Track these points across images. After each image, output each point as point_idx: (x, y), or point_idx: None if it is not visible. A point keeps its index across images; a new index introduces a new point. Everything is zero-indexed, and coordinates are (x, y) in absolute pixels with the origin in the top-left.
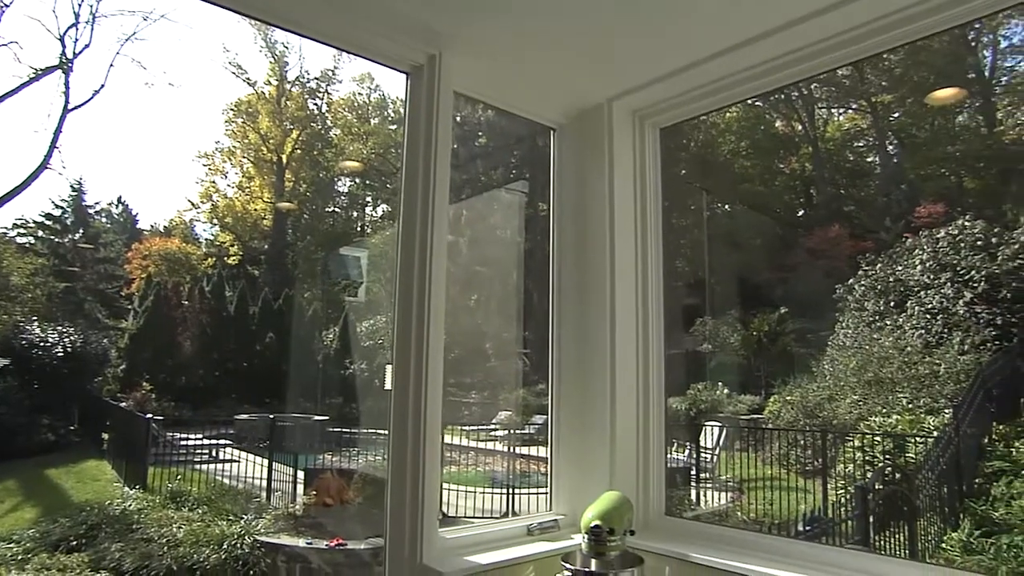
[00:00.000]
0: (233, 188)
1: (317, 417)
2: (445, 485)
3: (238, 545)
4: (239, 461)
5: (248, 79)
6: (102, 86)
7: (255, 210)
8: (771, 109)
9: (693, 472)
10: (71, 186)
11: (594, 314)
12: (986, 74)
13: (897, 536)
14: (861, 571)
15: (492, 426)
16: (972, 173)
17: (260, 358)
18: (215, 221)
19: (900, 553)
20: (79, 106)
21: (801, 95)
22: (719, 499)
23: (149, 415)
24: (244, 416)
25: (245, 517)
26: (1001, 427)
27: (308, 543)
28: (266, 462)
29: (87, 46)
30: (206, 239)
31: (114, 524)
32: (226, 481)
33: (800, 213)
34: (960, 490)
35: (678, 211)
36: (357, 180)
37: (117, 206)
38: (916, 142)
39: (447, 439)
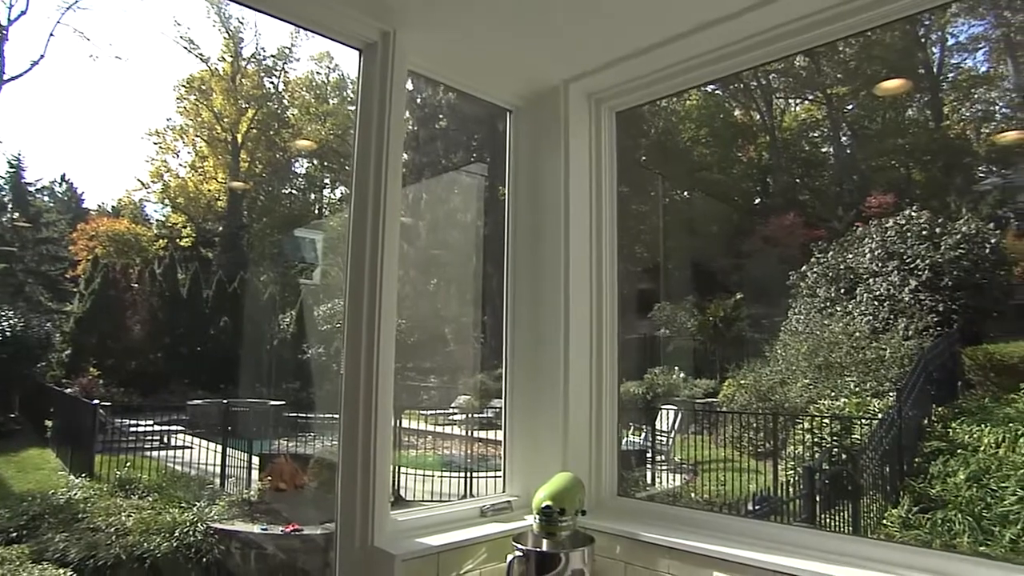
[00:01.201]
0: (185, 168)
1: (273, 402)
2: (403, 469)
3: (190, 533)
4: (192, 447)
5: (201, 55)
6: (41, 56)
7: (209, 191)
8: (730, 98)
9: (649, 455)
10: (8, 162)
11: (548, 298)
12: (934, 70)
13: (842, 513)
14: (806, 547)
15: (451, 410)
16: (920, 165)
17: (214, 342)
18: (167, 202)
19: (844, 529)
20: (16, 77)
21: (760, 85)
22: (674, 480)
23: (96, 401)
24: (197, 401)
25: (198, 504)
26: (940, 409)
27: (263, 529)
28: (220, 448)
29: (23, 13)
30: (157, 220)
31: (58, 514)
32: (178, 468)
33: (757, 201)
34: (901, 469)
35: (638, 197)
36: (315, 161)
37: (60, 184)
38: (868, 134)
39: (405, 423)
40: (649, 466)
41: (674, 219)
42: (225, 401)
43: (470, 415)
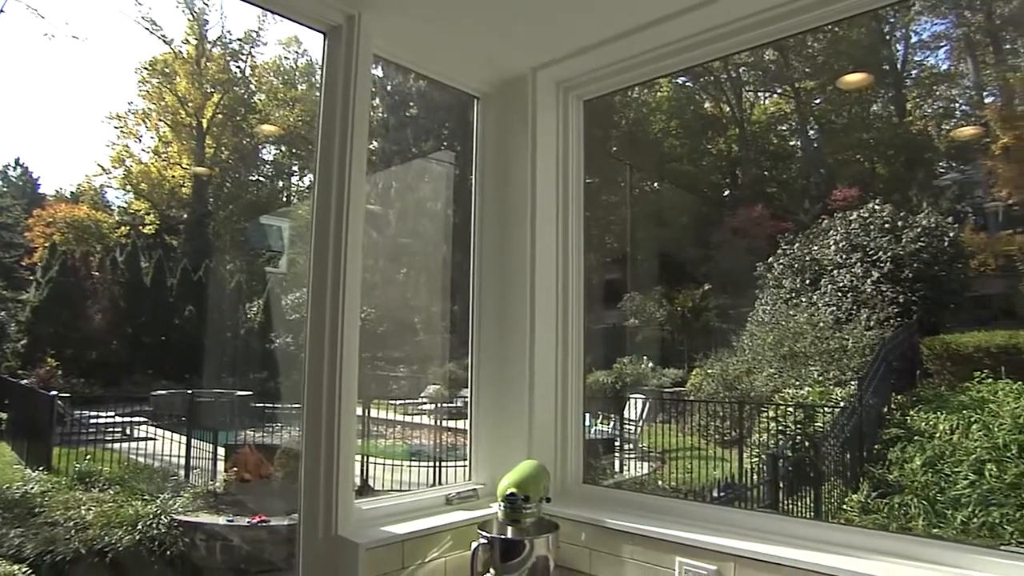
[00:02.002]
0: (148, 153)
1: (240, 392)
2: (372, 459)
3: (153, 525)
4: (156, 439)
5: (164, 37)
6: None
7: (173, 177)
8: (701, 90)
9: (617, 443)
10: None
11: (515, 287)
12: (898, 66)
13: (804, 499)
14: (768, 531)
15: (421, 400)
16: (883, 160)
17: (179, 332)
18: (128, 188)
19: (806, 514)
20: None
21: (730, 77)
22: (641, 469)
23: (54, 392)
24: (161, 392)
25: (162, 496)
26: (899, 397)
27: (229, 521)
28: (184, 439)
29: None
30: (119, 206)
31: (13, 508)
32: (141, 460)
33: (726, 193)
34: (861, 456)
35: (608, 188)
36: (283, 148)
37: (15, 168)
38: (834, 128)
39: (375, 413)
40: (617, 454)
41: (644, 210)
42: (190, 391)
43: (439, 404)
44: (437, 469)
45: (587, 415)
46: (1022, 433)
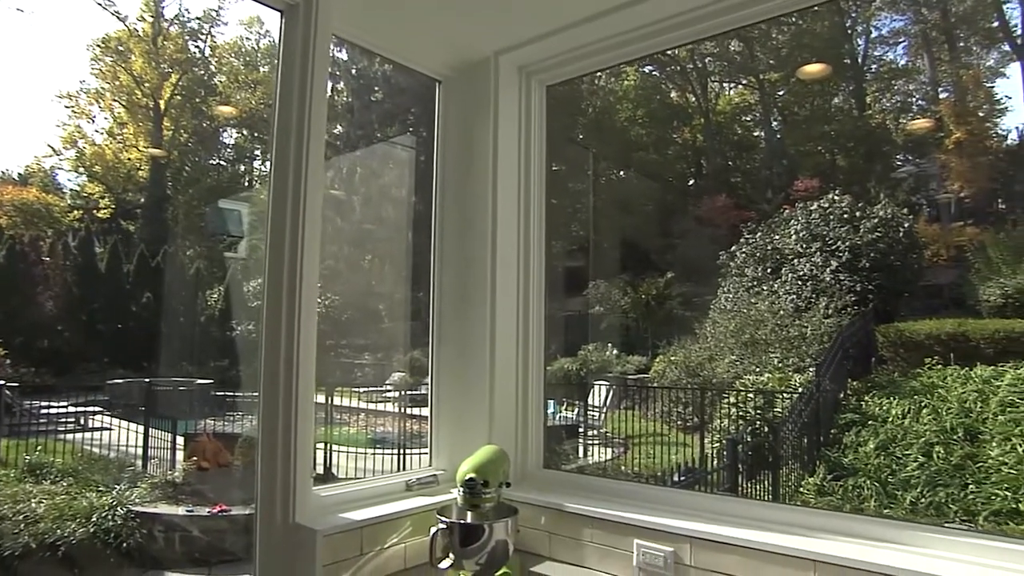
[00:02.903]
0: (102, 134)
1: (200, 381)
2: (335, 447)
3: (109, 517)
4: (112, 429)
5: (117, 13)
6: None
7: (129, 159)
8: (667, 79)
9: (581, 429)
10: None
11: (476, 273)
12: (859, 60)
13: (763, 483)
14: (725, 514)
15: (385, 387)
16: (844, 152)
17: (136, 319)
18: (81, 170)
19: (764, 497)
20: None
21: (696, 67)
22: (605, 454)
23: (2, 382)
24: (118, 381)
25: (118, 487)
26: (855, 383)
27: (188, 511)
28: (142, 429)
29: None
30: (71, 189)
31: None
32: (96, 450)
33: (691, 182)
34: (818, 440)
35: (575, 176)
36: (244, 132)
37: None
38: (797, 119)
39: (340, 400)
40: (581, 440)
41: (609, 198)
42: (148, 380)
43: (403, 392)
44: (401, 456)
45: (552, 402)
46: (968, 417)
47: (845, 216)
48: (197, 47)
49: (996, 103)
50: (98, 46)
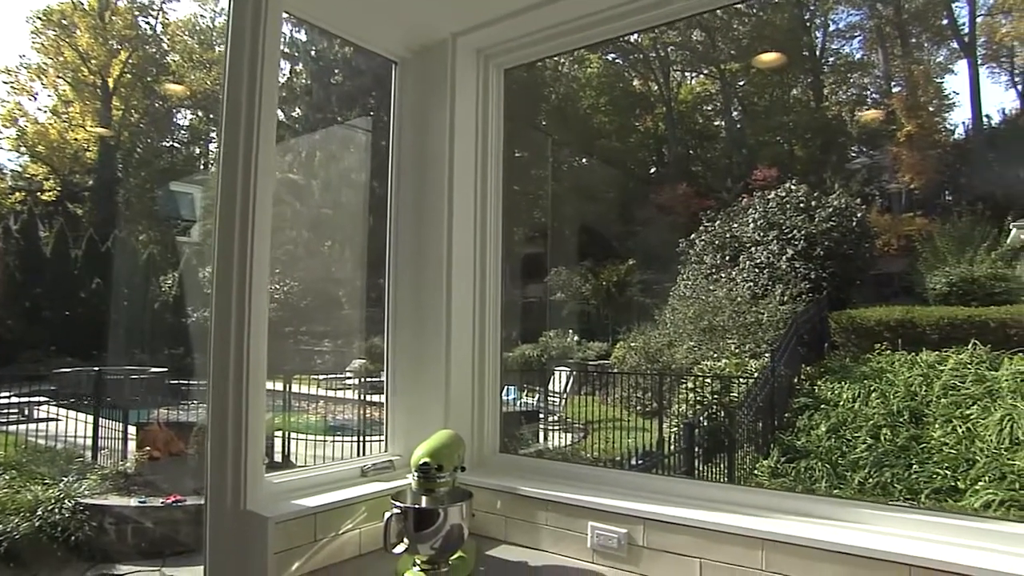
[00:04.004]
0: (46, 112)
1: (154, 369)
2: (294, 435)
3: (56, 510)
4: (59, 419)
5: None
6: None
7: (75, 140)
8: (630, 67)
9: (541, 415)
10: None
11: (432, 257)
12: (817, 53)
13: (719, 466)
14: (681, 495)
15: (346, 374)
16: (801, 142)
17: (85, 306)
18: (23, 150)
19: (720, 479)
20: None
21: (658, 56)
22: (565, 440)
23: None
24: (65, 370)
25: (65, 480)
26: (808, 368)
27: (141, 502)
28: (91, 419)
29: None
30: (12, 170)
31: None
32: (42, 442)
33: (652, 170)
34: (772, 424)
35: (538, 162)
36: (199, 113)
37: None
38: (756, 110)
39: (297, 388)
40: (541, 426)
41: (572, 185)
42: (97, 369)
43: (363, 379)
44: (361, 444)
45: (512, 388)
46: (913, 400)
47: (801, 205)
48: (148, 23)
49: (945, 98)
50: (39, 18)
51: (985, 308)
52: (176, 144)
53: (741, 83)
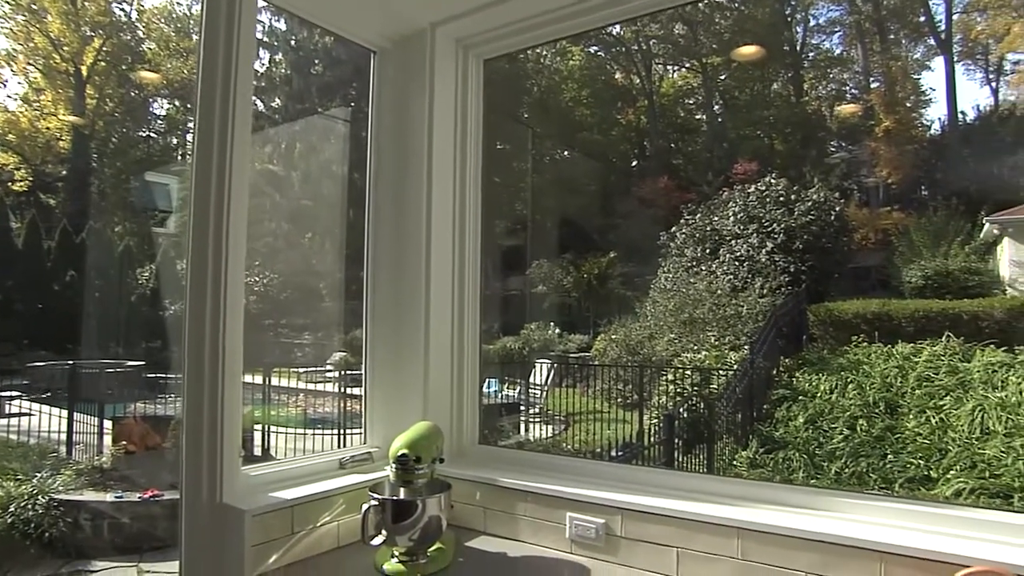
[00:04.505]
0: (16, 100)
1: (131, 363)
2: (274, 428)
3: (29, 506)
4: (32, 414)
5: None
6: None
7: (47, 128)
8: (612, 60)
9: (523, 407)
10: None
11: (410, 250)
12: (797, 48)
13: (698, 457)
14: (659, 486)
15: (326, 367)
16: (781, 137)
17: (59, 299)
18: None
19: (699, 470)
20: None
21: (640, 50)
22: (546, 432)
23: None
24: (39, 364)
25: (39, 475)
26: (787, 360)
27: (118, 497)
28: (66, 414)
29: None
30: None
31: None
32: (14, 437)
33: (634, 163)
34: (751, 415)
35: (521, 155)
36: (176, 103)
37: None
38: (738, 104)
39: (281, 381)
40: (522, 418)
41: (554, 177)
42: (72, 362)
43: (343, 372)
44: (341, 437)
45: (494, 380)
46: (889, 391)
47: (781, 199)
48: (123, 10)
49: (922, 95)
50: (7, 2)
51: (958, 301)
52: (153, 134)
53: (723, 77)
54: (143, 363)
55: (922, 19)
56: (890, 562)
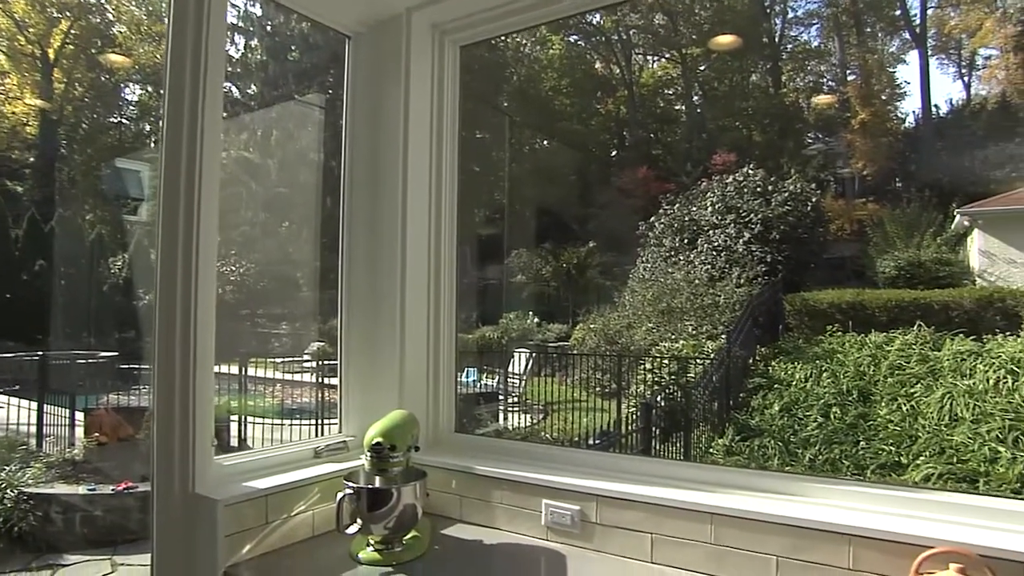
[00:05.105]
0: None
1: (104, 353)
2: (250, 419)
3: None
4: (1, 407)
5: None
6: None
7: (13, 113)
8: (592, 50)
9: (502, 396)
10: None
11: (386, 237)
12: (776, 39)
13: (675, 444)
14: (635, 472)
15: (304, 357)
16: (760, 128)
17: (27, 289)
18: None
19: (676, 458)
20: None
21: (620, 39)
22: (525, 421)
23: None
24: (6, 355)
25: (7, 468)
26: (763, 349)
27: (90, 490)
28: (36, 405)
29: None
30: None
31: None
32: None
33: (613, 153)
34: (728, 403)
35: (500, 144)
36: (149, 88)
37: None
38: (717, 95)
39: (253, 371)
40: (501, 407)
41: (533, 167)
42: (41, 353)
43: (321, 362)
44: (320, 427)
45: (473, 370)
46: (862, 379)
47: (758, 190)
48: None
49: (897, 87)
50: None
51: (930, 291)
52: (124, 120)
53: (702, 68)
54: (116, 354)
55: (898, 12)
56: (858, 544)
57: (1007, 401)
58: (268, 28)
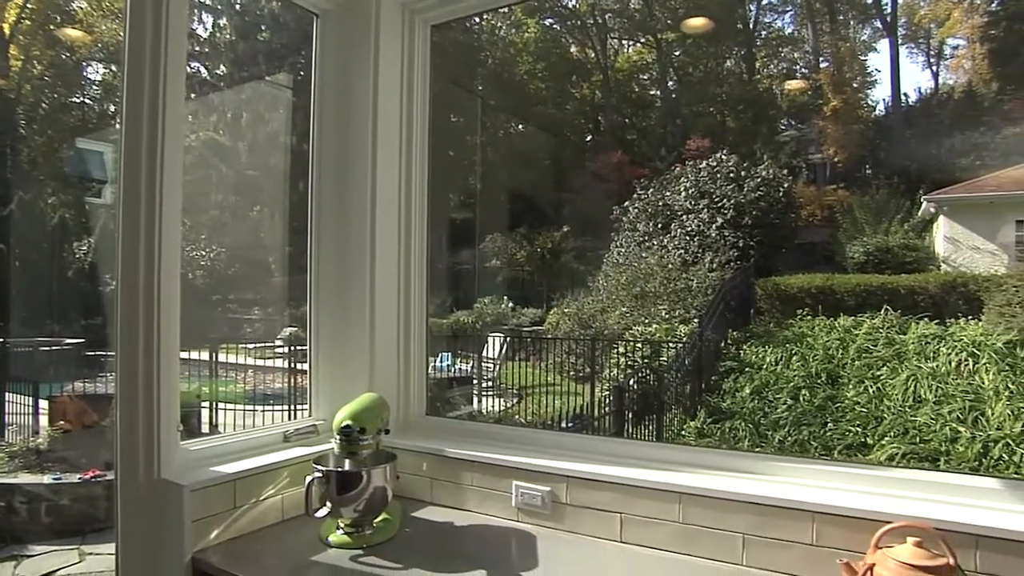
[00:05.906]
0: None
1: (70, 340)
2: (221, 405)
3: None
4: None
5: None
6: None
7: None
8: (567, 34)
9: (476, 380)
10: None
11: (355, 220)
12: (750, 26)
13: (648, 427)
14: (607, 454)
15: (276, 343)
16: (733, 114)
17: None
18: None
19: (648, 440)
20: None
21: (596, 23)
22: (499, 405)
23: None
24: None
25: None
26: (735, 333)
27: (56, 479)
28: None
29: None
30: None
31: None
32: None
33: (588, 138)
34: (700, 386)
35: (472, 128)
36: (113, 67)
37: None
38: (691, 81)
39: (223, 357)
40: (475, 391)
41: (507, 151)
42: (2, 341)
43: (294, 348)
44: (292, 412)
45: (448, 354)
46: (831, 363)
47: (731, 175)
48: None
49: (868, 75)
50: None
51: (897, 276)
52: (88, 100)
53: (677, 53)
54: (82, 340)
55: (869, 1)
56: (821, 521)
57: (967, 383)
58: (237, 7)
